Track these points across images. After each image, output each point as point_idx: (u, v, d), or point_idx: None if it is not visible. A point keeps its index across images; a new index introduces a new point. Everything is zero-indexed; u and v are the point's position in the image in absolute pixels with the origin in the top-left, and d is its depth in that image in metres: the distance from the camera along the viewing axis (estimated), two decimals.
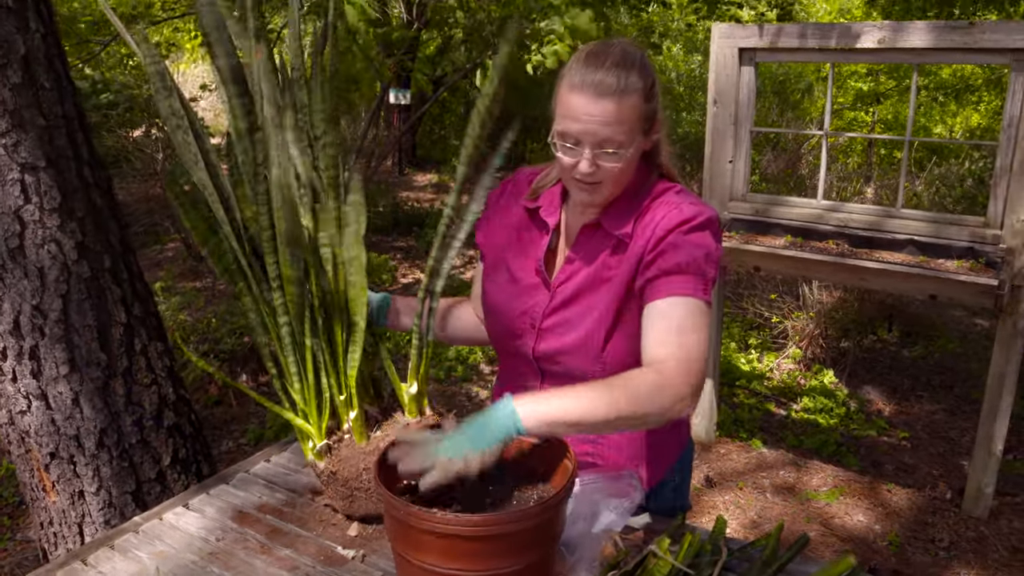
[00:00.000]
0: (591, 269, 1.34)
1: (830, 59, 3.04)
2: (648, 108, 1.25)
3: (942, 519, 2.98)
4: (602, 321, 1.32)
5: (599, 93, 1.20)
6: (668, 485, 1.51)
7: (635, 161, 1.28)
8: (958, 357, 4.46)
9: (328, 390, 1.35)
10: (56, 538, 2.15)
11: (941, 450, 3.51)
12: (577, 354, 1.34)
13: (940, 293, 2.76)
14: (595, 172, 1.24)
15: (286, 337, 1.33)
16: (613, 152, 1.23)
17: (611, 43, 1.27)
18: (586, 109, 1.21)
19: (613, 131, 1.21)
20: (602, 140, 1.22)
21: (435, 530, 1.03)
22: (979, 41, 2.63)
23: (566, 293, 1.36)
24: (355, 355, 1.34)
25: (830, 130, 3.22)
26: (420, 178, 9.45)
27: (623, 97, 1.20)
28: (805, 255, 2.94)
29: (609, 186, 1.27)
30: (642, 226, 1.30)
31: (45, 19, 1.97)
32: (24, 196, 1.90)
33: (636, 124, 1.23)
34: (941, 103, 8.83)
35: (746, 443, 3.54)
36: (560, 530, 1.12)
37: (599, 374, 1.32)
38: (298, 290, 1.29)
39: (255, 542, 1.37)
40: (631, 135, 1.23)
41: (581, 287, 1.34)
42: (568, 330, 1.34)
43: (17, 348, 1.97)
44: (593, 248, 1.35)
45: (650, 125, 1.27)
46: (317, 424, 1.36)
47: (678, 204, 1.30)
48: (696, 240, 1.26)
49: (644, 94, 1.23)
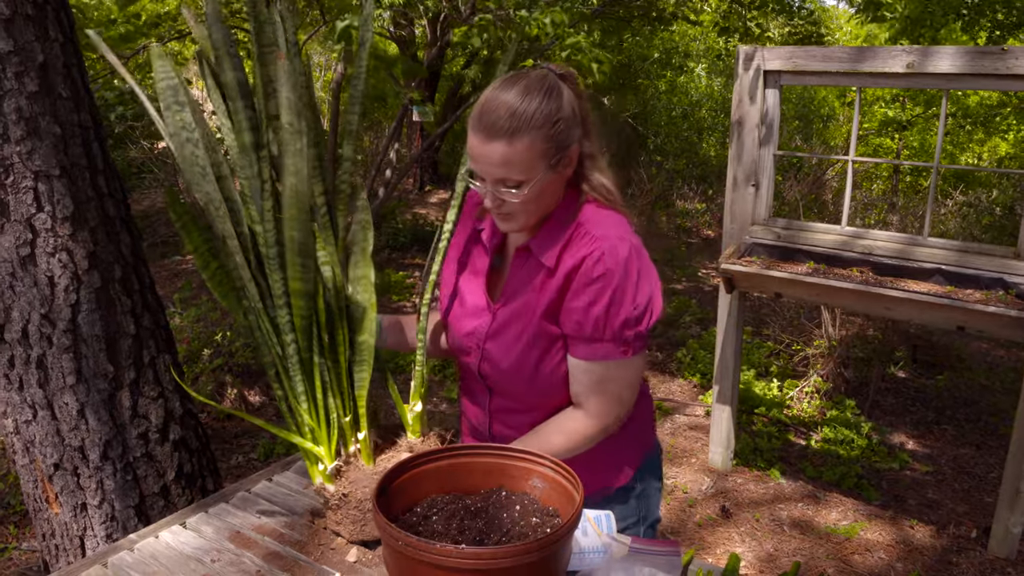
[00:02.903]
0: (524, 294, 1.35)
1: (856, 83, 2.99)
2: (553, 142, 1.23)
3: (966, 559, 2.87)
4: (532, 347, 1.33)
5: (489, 135, 1.20)
6: (631, 492, 1.48)
7: (548, 191, 1.28)
8: (984, 390, 4.35)
9: (335, 411, 1.32)
10: (58, 550, 2.12)
11: (966, 486, 3.40)
12: (512, 377, 1.37)
13: (968, 324, 2.68)
14: (501, 205, 1.26)
15: (292, 356, 1.30)
16: (512, 190, 1.23)
17: (520, 75, 1.25)
18: (479, 150, 1.22)
19: (507, 171, 1.22)
20: (499, 179, 1.23)
21: (434, 562, 0.98)
22: (1011, 67, 2.57)
23: (504, 317, 1.36)
24: (363, 375, 1.31)
25: (856, 156, 3.16)
26: (440, 195, 9.46)
27: (514, 137, 1.19)
28: (828, 282, 2.88)
29: (522, 216, 1.28)
30: (569, 256, 1.30)
31: (65, 28, 1.97)
32: (37, 204, 1.89)
33: (535, 161, 1.22)
34: (968, 131, 8.72)
35: (764, 472, 3.45)
36: (564, 566, 1.07)
37: (532, 395, 1.37)
38: (306, 303, 1.26)
39: (251, 565, 1.33)
40: (529, 172, 1.22)
41: (516, 311, 1.35)
42: (504, 354, 1.36)
43: (24, 356, 1.95)
44: (526, 273, 1.35)
45: (559, 156, 1.25)
46: (327, 445, 1.32)
47: (596, 244, 1.27)
48: (611, 314, 1.26)
49: (547, 128, 1.21)
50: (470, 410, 1.53)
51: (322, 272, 1.28)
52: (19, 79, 1.84)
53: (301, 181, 1.19)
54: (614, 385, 1.32)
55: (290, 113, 1.19)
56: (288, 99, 1.18)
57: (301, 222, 1.20)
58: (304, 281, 1.24)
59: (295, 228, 1.21)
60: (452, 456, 1.24)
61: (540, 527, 1.12)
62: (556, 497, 1.17)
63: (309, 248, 1.23)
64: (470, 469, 1.24)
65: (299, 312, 1.26)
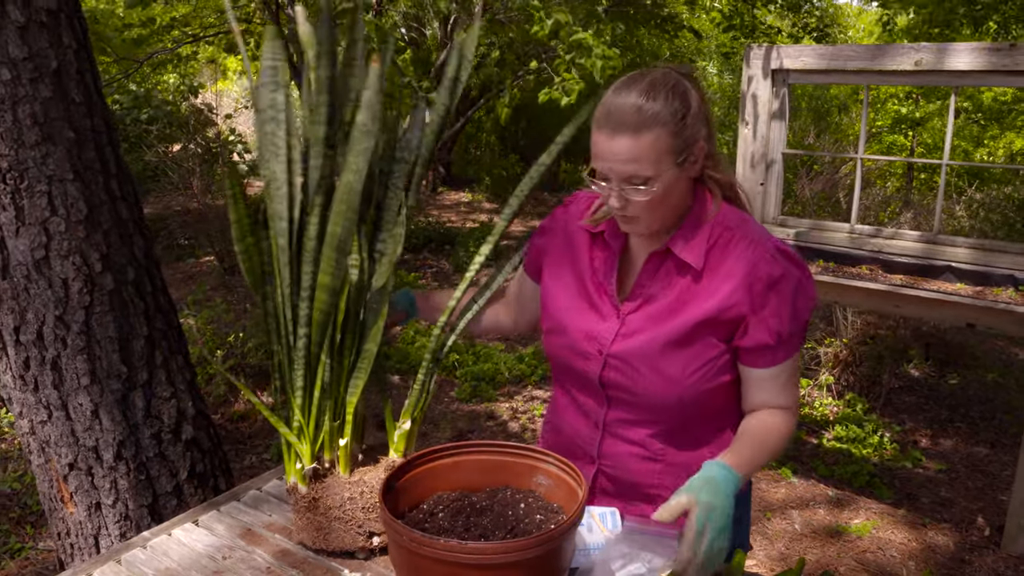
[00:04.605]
0: (662, 298, 1.30)
1: (865, 81, 2.98)
2: (680, 138, 1.20)
3: (980, 557, 2.86)
4: (676, 352, 1.28)
5: (615, 130, 1.19)
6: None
7: (675, 191, 1.24)
8: (998, 388, 4.32)
9: (327, 412, 1.33)
10: (73, 549, 2.16)
11: (980, 484, 3.38)
12: (650, 382, 1.30)
13: (978, 321, 2.67)
14: (626, 206, 1.23)
15: (301, 349, 1.32)
16: (640, 187, 1.20)
17: (643, 73, 1.24)
18: (605, 146, 1.20)
19: (636, 168, 1.19)
20: (626, 176, 1.20)
21: (439, 557, 1.00)
22: (1020, 64, 2.56)
23: (636, 322, 1.31)
24: (359, 382, 1.32)
25: (865, 153, 3.15)
26: (453, 196, 9.49)
27: (640, 132, 1.17)
28: (839, 280, 2.87)
29: (647, 218, 1.25)
30: (722, 259, 1.27)
31: (78, 34, 2.00)
32: (51, 208, 1.92)
33: (662, 157, 1.19)
34: (983, 126, 8.65)
35: (776, 472, 3.45)
36: (568, 561, 1.08)
37: (668, 405, 1.31)
38: (329, 299, 1.27)
39: (262, 561, 1.35)
40: (657, 168, 1.19)
41: (652, 316, 1.30)
42: (640, 360, 1.30)
43: (40, 358, 1.98)
44: (663, 276, 1.31)
45: (685, 154, 1.22)
46: (310, 444, 1.34)
47: (762, 246, 1.27)
48: (799, 308, 1.27)
49: (673, 124, 1.19)
50: (572, 423, 1.44)
51: (350, 273, 1.30)
52: (33, 85, 1.87)
53: (358, 180, 1.21)
54: (797, 374, 1.34)
55: (367, 114, 1.22)
56: (370, 100, 1.21)
57: (347, 219, 1.23)
58: (334, 277, 1.26)
59: (339, 223, 1.23)
60: (457, 453, 1.25)
61: (544, 524, 1.13)
62: (560, 494, 1.18)
63: (346, 246, 1.25)
64: (476, 466, 1.25)
65: (320, 306, 1.28)
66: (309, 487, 1.34)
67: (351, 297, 1.31)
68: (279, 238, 1.29)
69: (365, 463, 1.39)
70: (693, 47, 10.63)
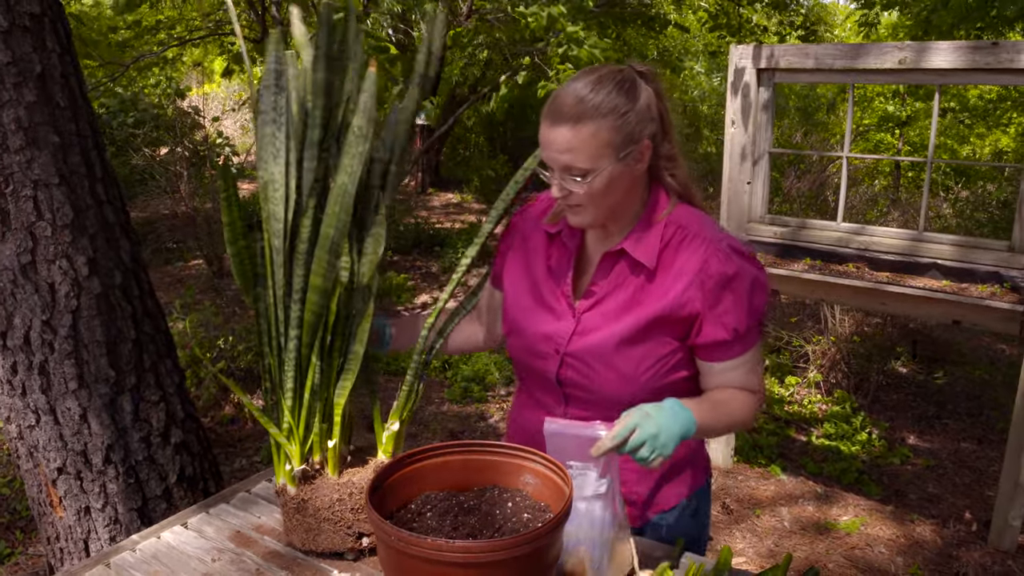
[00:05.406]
0: (616, 297, 1.32)
1: (850, 80, 3.00)
2: (621, 133, 1.20)
3: (967, 552, 2.88)
4: (629, 349, 1.30)
5: (555, 120, 1.20)
6: (686, 509, 1.47)
7: (618, 185, 1.24)
8: (985, 384, 4.36)
9: (317, 414, 1.33)
10: (62, 554, 2.15)
11: (967, 480, 3.41)
12: (605, 380, 1.32)
13: (963, 318, 2.69)
14: (568, 196, 1.24)
15: (291, 351, 1.32)
16: (577, 178, 1.21)
17: (597, 67, 1.25)
18: (546, 135, 1.22)
19: (572, 158, 1.20)
20: (564, 166, 1.21)
21: (426, 556, 1.00)
22: (1003, 62, 2.59)
23: (591, 321, 1.33)
24: (346, 384, 1.33)
25: (852, 152, 3.18)
26: (442, 198, 9.49)
27: (579, 123, 1.18)
28: (825, 278, 2.89)
29: (591, 208, 1.26)
30: (675, 258, 1.29)
31: (62, 38, 1.99)
32: (37, 212, 1.91)
33: (601, 150, 1.19)
34: (968, 124, 8.71)
35: (765, 469, 3.47)
36: (554, 559, 1.09)
37: (627, 397, 1.31)
38: (320, 301, 1.28)
39: (251, 563, 1.35)
40: (595, 161, 1.20)
41: (606, 314, 1.32)
42: (595, 358, 1.31)
43: (27, 363, 1.97)
44: (617, 275, 1.32)
45: (628, 150, 1.22)
46: (300, 446, 1.34)
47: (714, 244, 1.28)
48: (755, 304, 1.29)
49: (614, 118, 1.19)
50: (533, 421, 1.43)
51: (340, 275, 1.30)
52: (17, 89, 1.87)
53: (352, 182, 1.22)
54: (759, 362, 1.37)
55: (363, 118, 1.23)
56: (366, 104, 1.22)
57: (341, 221, 1.23)
58: (326, 279, 1.27)
59: (332, 225, 1.24)
60: (445, 453, 1.26)
61: (532, 522, 1.14)
62: (547, 493, 1.19)
63: (339, 248, 1.26)
64: (463, 466, 1.25)
65: (311, 308, 1.28)
66: (298, 489, 1.34)
67: (341, 299, 1.31)
68: (274, 239, 1.29)
69: (354, 464, 1.39)
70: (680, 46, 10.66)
